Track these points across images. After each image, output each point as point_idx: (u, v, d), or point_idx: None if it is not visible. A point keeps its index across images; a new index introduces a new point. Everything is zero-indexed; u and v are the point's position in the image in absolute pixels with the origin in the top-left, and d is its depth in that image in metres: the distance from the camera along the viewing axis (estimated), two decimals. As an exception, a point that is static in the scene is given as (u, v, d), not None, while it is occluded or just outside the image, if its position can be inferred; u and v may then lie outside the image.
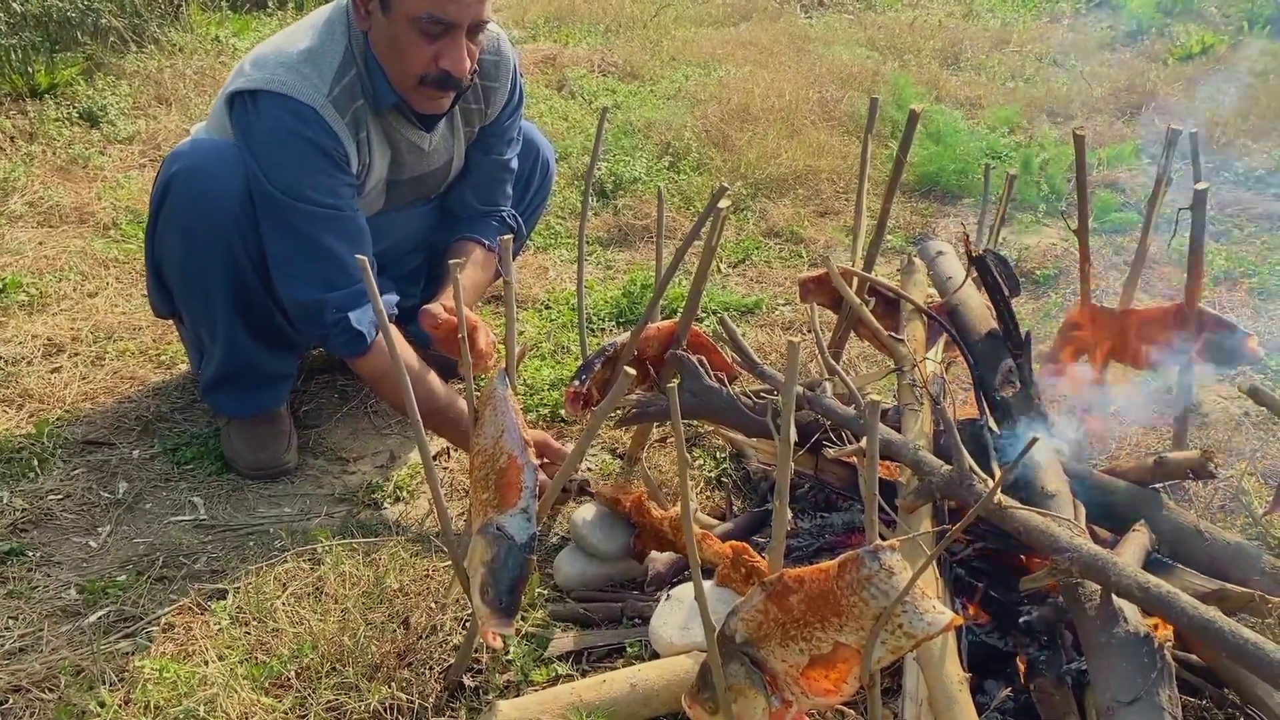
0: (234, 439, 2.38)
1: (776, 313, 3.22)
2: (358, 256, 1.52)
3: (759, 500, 2.24)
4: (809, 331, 2.70)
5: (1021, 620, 1.67)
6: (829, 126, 4.62)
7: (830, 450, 1.70)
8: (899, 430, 1.77)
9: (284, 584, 1.95)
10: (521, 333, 2.96)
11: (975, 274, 1.90)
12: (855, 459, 1.72)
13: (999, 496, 1.55)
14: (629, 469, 2.27)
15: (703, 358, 2.03)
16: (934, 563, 1.62)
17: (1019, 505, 1.52)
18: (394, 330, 1.80)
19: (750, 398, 2.02)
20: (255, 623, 1.86)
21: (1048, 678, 1.60)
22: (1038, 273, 3.49)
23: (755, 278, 3.49)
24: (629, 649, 1.81)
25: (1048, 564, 1.62)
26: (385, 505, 2.27)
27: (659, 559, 1.99)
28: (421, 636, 1.82)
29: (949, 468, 1.63)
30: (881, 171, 3.93)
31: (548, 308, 3.17)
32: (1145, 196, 2.47)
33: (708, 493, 2.29)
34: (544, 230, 3.67)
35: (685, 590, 1.81)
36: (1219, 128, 4.68)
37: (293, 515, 2.23)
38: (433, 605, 1.89)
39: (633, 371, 1.54)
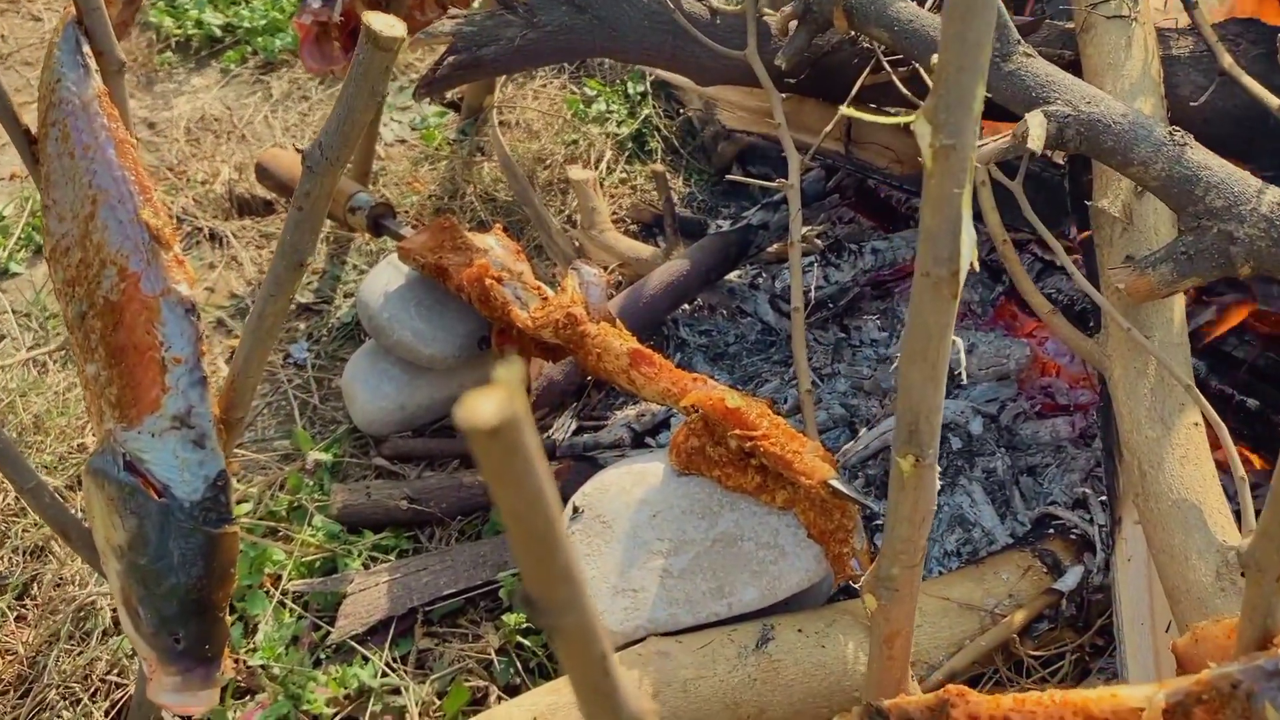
0: None
1: None
2: None
3: (716, 177, 1.21)
4: None
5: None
6: None
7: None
8: (1077, 72, 0.73)
9: None
10: None
11: None
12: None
13: None
14: (476, 132, 1.21)
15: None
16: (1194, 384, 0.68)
17: None
18: None
19: (694, -2, 0.92)
20: None
21: None
22: None
23: None
24: (508, 599, 0.87)
25: None
26: None
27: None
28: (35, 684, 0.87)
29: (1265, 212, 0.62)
30: None
31: None
32: None
33: (623, 167, 1.24)
34: None
35: (610, 483, 0.84)
36: None
37: None
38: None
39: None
